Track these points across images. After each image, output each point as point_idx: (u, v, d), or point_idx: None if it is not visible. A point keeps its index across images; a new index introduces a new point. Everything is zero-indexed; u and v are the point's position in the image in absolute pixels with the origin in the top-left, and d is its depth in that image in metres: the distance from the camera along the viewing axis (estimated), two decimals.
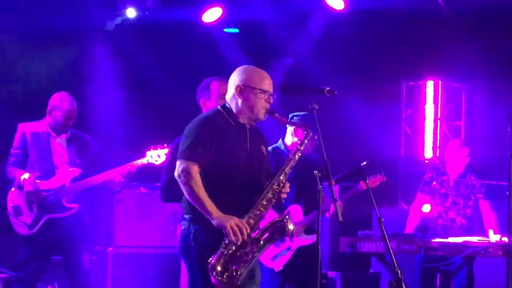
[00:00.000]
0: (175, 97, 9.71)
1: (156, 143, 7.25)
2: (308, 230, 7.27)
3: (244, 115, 5.23)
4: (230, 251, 4.91)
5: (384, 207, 9.13)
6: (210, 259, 4.89)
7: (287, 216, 5.09)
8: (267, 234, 5.06)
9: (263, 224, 5.16)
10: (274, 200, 5.13)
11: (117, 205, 8.77)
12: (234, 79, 5.25)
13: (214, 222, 4.92)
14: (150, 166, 7.26)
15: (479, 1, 10.12)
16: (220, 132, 5.09)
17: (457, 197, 8.45)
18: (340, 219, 5.47)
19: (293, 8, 9.71)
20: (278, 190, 5.13)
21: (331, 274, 9.01)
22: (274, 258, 7.16)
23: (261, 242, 5.03)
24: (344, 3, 9.33)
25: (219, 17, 9.79)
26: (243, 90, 5.19)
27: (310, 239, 7.24)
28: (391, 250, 5.84)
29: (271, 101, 5.25)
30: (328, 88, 5.51)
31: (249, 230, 4.96)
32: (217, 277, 4.86)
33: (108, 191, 7.43)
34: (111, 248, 8.68)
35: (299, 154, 5.25)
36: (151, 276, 8.66)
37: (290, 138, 7.32)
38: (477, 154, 11.37)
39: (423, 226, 8.59)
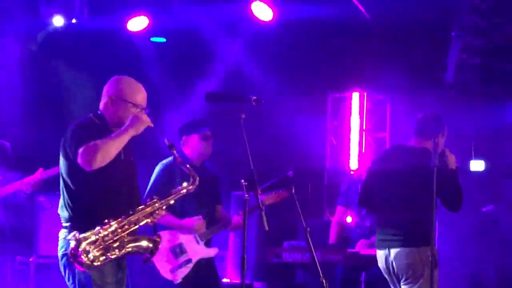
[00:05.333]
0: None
1: None
2: (209, 243, 7.23)
3: (115, 126, 5.17)
4: (98, 237, 4.84)
5: (310, 218, 9.13)
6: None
7: (158, 240, 5.16)
8: (135, 242, 5.05)
9: None
10: (150, 219, 5.14)
11: (39, 215, 8.65)
12: (108, 89, 5.26)
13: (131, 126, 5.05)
14: None
15: (403, 16, 10.19)
16: (97, 136, 5.03)
17: None
18: (266, 228, 5.44)
19: (222, 18, 9.65)
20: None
21: (256, 284, 9.00)
22: (174, 270, 7.07)
23: (127, 244, 5.00)
24: (272, 14, 9.25)
25: (146, 26, 9.63)
26: (115, 101, 5.19)
27: (211, 252, 7.22)
28: (316, 261, 5.80)
29: (144, 113, 5.25)
30: (255, 98, 5.53)
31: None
32: (78, 253, 4.78)
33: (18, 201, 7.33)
34: (33, 258, 8.54)
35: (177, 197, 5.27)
36: None
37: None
38: None
39: (344, 236, 8.66)
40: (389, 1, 9.75)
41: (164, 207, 5.18)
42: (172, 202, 5.23)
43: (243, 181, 5.49)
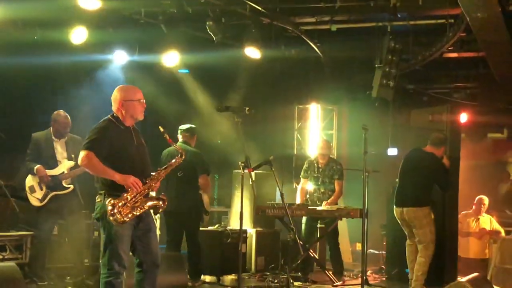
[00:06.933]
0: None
1: None
2: None
3: (128, 121, 5.04)
4: (126, 202, 4.76)
5: (284, 186, 9.23)
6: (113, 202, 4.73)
7: (164, 198, 5.00)
8: (150, 201, 4.93)
9: None
10: (157, 185, 5.01)
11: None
12: (116, 96, 5.03)
13: (117, 179, 4.77)
14: None
15: (344, 53, 10.22)
16: (111, 134, 4.94)
17: (324, 178, 8.57)
18: (255, 193, 5.52)
19: (227, 56, 9.64)
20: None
21: (249, 230, 9.01)
22: None
23: (145, 203, 4.87)
24: (260, 54, 9.29)
25: (176, 62, 9.56)
26: (124, 103, 5.00)
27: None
28: (288, 214, 5.91)
29: (145, 104, 5.08)
30: (247, 108, 5.59)
31: (141, 186, 4.84)
32: (114, 214, 4.70)
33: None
34: None
35: (171, 168, 5.11)
36: None
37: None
38: (343, 151, 11.62)
39: (306, 198, 8.65)
40: (334, 44, 9.80)
41: (164, 175, 5.04)
42: (169, 171, 5.08)
43: (240, 162, 5.57)
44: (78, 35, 8.45)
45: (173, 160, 5.10)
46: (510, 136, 13.46)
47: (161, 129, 5.05)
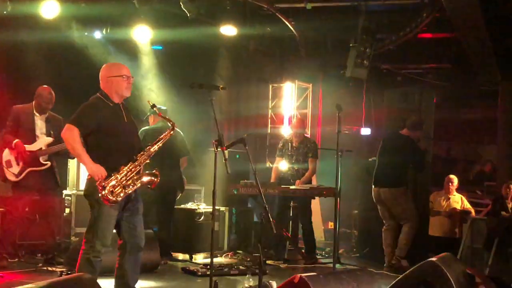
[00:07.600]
0: None
1: None
2: None
3: (115, 97, 4.99)
4: (117, 181, 4.75)
5: (258, 164, 9.24)
6: (103, 183, 4.71)
7: (157, 174, 4.96)
8: (143, 178, 4.88)
9: None
10: (148, 160, 4.97)
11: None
12: (103, 73, 5.00)
13: (87, 167, 4.77)
14: None
15: (319, 33, 10.25)
16: (98, 111, 4.89)
17: (298, 156, 8.56)
18: (228, 171, 5.50)
19: (202, 34, 9.57)
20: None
21: (222, 208, 9.01)
22: None
23: (137, 181, 4.84)
24: (236, 31, 9.24)
25: (149, 38, 9.46)
26: (110, 80, 4.96)
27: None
28: (262, 193, 5.91)
29: (131, 81, 5.03)
30: (221, 86, 5.58)
31: (105, 175, 4.75)
32: (105, 194, 4.69)
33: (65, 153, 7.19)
34: (76, 191, 8.49)
35: (162, 142, 5.07)
36: None
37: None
38: (317, 130, 11.67)
39: (280, 177, 8.67)
40: (309, 23, 9.81)
41: (154, 150, 4.98)
42: (161, 145, 5.03)
43: (214, 141, 5.54)
44: (49, 9, 8.31)
45: (164, 134, 5.07)
46: (482, 117, 13.66)
47: (150, 103, 5.02)
